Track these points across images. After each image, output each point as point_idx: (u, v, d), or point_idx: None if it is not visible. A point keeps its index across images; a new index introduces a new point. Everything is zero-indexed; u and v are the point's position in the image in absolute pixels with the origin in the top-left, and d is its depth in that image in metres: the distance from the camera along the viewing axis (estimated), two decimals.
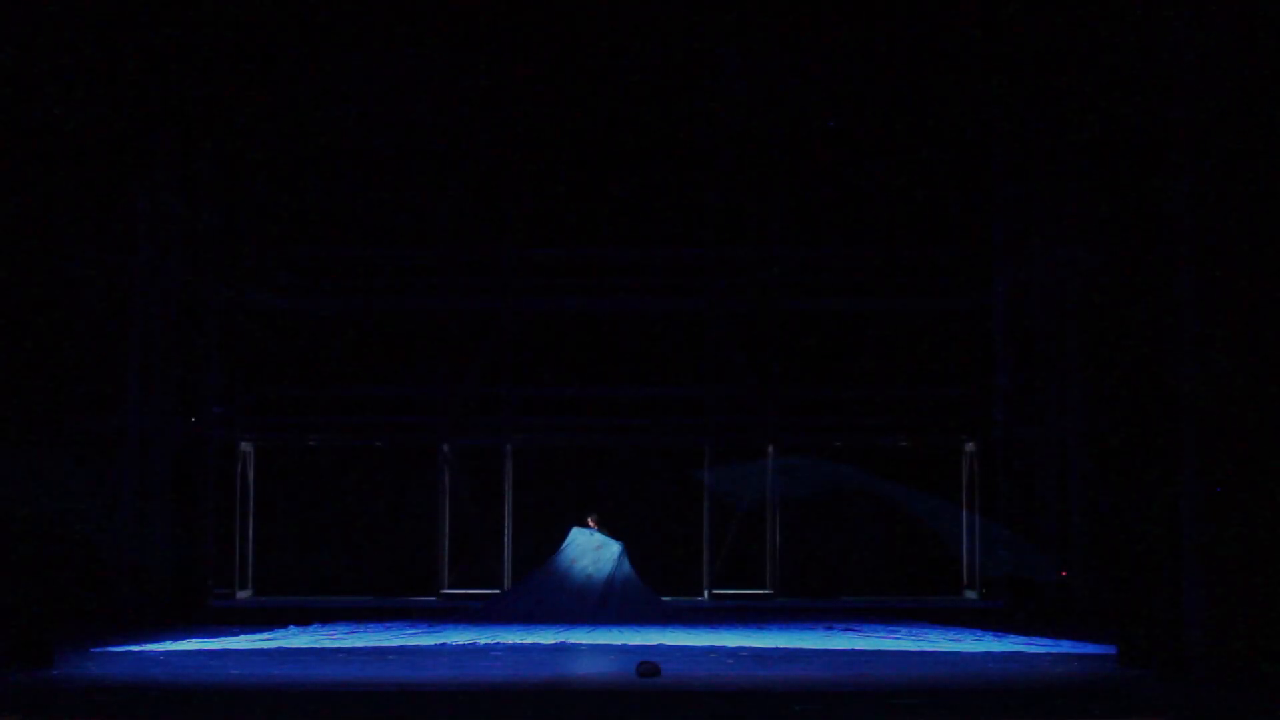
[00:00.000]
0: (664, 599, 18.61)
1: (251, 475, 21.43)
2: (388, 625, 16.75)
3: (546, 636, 15.33)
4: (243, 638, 15.29)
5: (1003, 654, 13.93)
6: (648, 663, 12.05)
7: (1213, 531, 11.06)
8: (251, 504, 21.35)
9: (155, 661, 13.15)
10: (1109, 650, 13.35)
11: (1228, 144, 11.18)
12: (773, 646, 14.47)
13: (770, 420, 21.21)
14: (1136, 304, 12.31)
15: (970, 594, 21.05)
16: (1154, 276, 12.02)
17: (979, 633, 15.98)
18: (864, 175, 21.25)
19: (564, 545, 18.34)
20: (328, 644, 14.76)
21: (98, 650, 13.95)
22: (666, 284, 21.45)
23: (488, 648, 14.37)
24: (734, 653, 13.88)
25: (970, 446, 21.40)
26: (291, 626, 16.38)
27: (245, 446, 21.32)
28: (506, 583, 20.56)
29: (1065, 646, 14.45)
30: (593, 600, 17.73)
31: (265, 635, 15.57)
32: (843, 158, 21.06)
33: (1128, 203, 12.49)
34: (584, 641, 14.98)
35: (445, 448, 21.26)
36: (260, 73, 18.56)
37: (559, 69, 18.52)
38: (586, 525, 18.43)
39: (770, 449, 21.31)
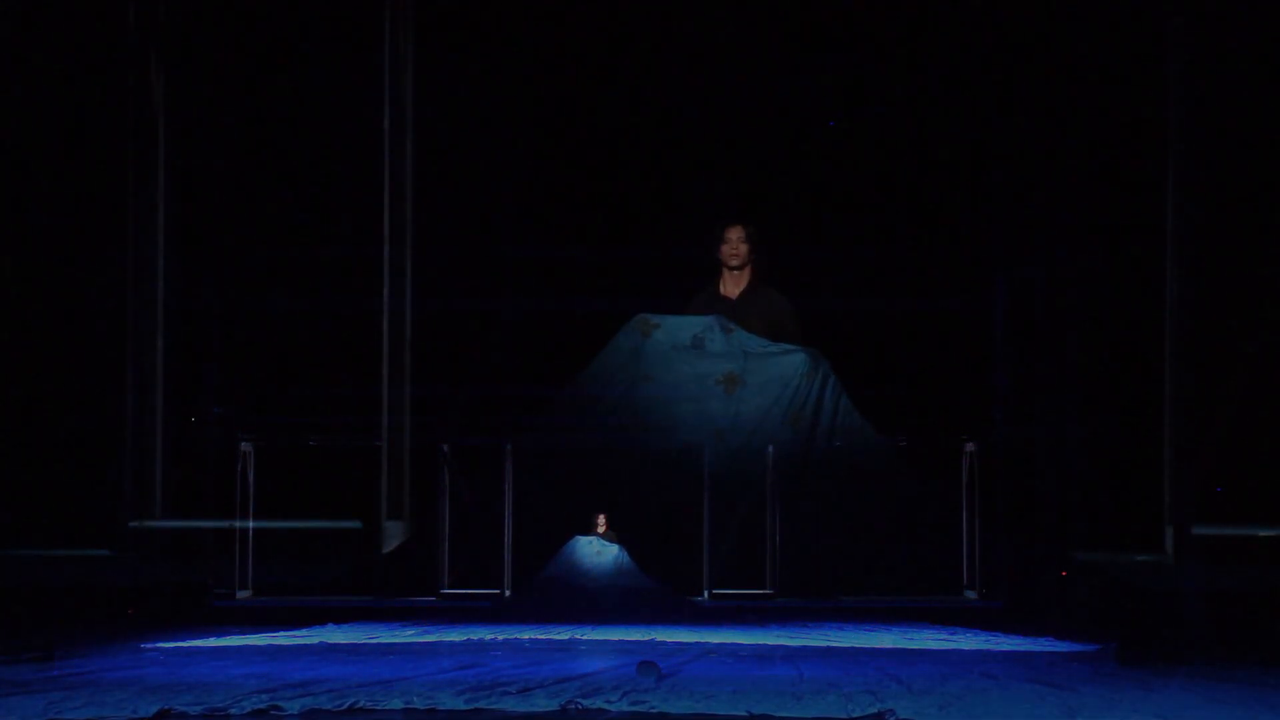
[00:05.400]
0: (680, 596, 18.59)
1: (251, 475, 21.42)
2: (409, 625, 16.78)
3: (561, 634, 15.35)
4: (282, 635, 15.32)
5: (1003, 654, 13.91)
6: (647, 662, 12.04)
7: (1212, 531, 11.07)
8: (251, 504, 21.34)
9: (156, 661, 13.15)
10: (1109, 650, 13.34)
11: (1229, 142, 11.18)
12: (773, 645, 14.47)
13: (769, 419, 21.20)
14: (1136, 305, 12.33)
15: (970, 594, 21.05)
16: (1153, 277, 12.04)
17: (979, 633, 15.96)
18: (864, 175, 21.28)
19: (566, 549, 18.32)
20: (365, 640, 14.81)
21: (98, 649, 13.95)
22: (666, 284, 21.45)
23: (491, 644, 14.39)
24: (734, 652, 13.87)
25: (970, 446, 21.41)
26: (330, 624, 16.48)
27: (245, 446, 21.31)
28: (507, 583, 20.54)
29: (1065, 646, 14.43)
30: (611, 600, 17.73)
31: (305, 632, 15.63)
32: (842, 157, 21.09)
33: (1127, 203, 12.51)
34: (591, 639, 14.98)
35: (445, 448, 21.25)
36: (260, 71, 18.58)
37: (560, 68, 18.55)
38: (595, 526, 18.42)
39: (770, 449, 21.29)
